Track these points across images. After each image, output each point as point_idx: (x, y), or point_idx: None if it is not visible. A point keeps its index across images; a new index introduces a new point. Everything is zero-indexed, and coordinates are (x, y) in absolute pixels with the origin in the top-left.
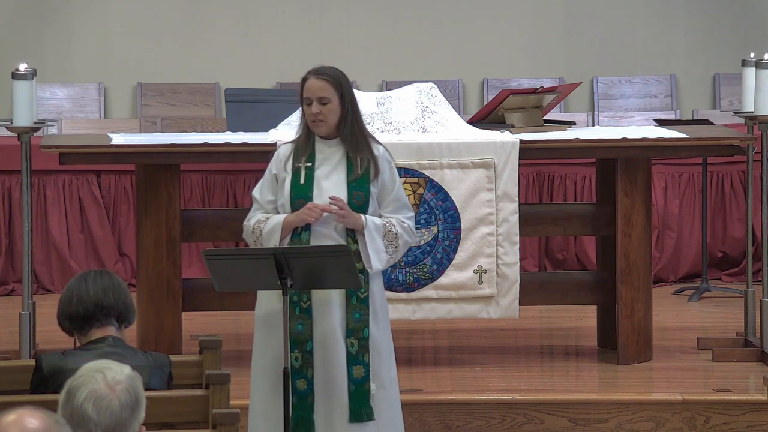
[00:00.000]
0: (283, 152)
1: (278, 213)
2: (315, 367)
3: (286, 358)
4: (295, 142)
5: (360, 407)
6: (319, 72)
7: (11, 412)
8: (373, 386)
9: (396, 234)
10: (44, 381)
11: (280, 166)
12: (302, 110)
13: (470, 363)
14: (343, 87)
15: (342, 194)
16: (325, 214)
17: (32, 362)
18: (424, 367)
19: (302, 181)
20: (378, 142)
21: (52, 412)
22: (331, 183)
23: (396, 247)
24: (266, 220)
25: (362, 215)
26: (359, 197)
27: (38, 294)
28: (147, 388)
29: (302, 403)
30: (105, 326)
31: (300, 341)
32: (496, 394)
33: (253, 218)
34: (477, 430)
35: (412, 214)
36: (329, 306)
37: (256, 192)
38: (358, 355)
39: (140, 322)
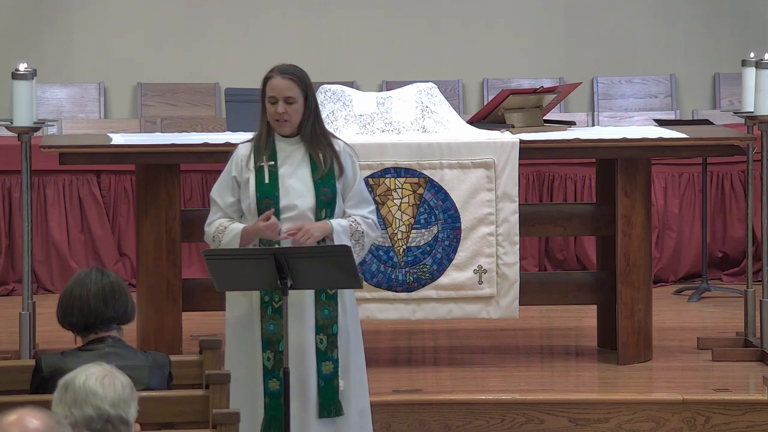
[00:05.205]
0: (242, 152)
1: (242, 214)
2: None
3: (287, 357)
4: (255, 141)
5: (329, 403)
6: (285, 71)
7: (12, 412)
8: (341, 383)
9: (362, 232)
10: (44, 382)
11: (240, 166)
12: (263, 108)
13: (470, 363)
14: (307, 87)
15: (308, 191)
16: (295, 212)
17: (32, 362)
18: (424, 367)
19: (266, 180)
20: (337, 138)
21: (54, 412)
22: (296, 182)
23: (363, 245)
24: (224, 230)
25: (328, 221)
26: (326, 193)
27: (38, 294)
28: (147, 388)
29: (275, 402)
30: (106, 331)
31: (272, 341)
32: (496, 394)
33: (214, 224)
34: (477, 430)
35: (374, 207)
36: (300, 304)
37: (214, 194)
38: (327, 351)
39: (140, 322)
